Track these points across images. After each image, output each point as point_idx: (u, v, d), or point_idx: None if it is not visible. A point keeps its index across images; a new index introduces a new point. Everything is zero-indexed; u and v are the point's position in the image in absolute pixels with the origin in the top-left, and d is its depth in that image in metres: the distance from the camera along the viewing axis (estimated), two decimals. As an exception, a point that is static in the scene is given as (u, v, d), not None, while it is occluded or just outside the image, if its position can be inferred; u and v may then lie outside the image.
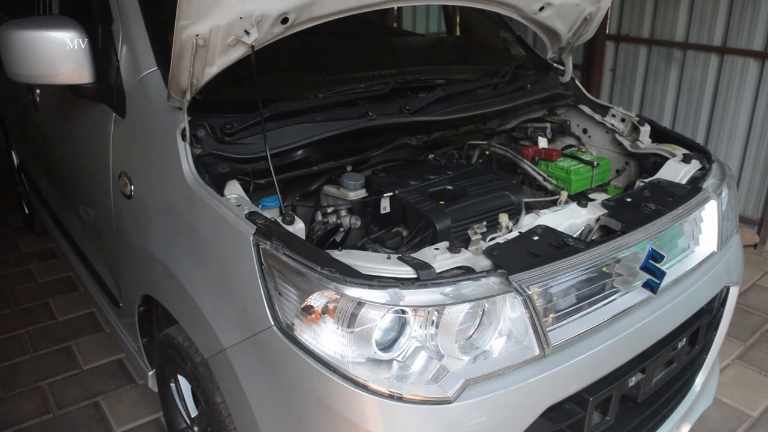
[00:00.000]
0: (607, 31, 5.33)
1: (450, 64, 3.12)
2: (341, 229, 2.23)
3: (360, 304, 1.46)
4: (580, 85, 3.02)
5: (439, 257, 1.63)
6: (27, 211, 4.83)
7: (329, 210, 2.22)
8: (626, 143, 2.77)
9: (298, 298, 1.53)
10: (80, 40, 2.17)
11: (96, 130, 2.42)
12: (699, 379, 2.44)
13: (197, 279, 1.83)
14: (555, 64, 3.03)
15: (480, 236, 1.77)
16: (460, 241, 1.99)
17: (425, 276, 1.54)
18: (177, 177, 1.88)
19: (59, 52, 2.16)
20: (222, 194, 1.83)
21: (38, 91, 3.13)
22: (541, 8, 2.56)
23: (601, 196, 2.44)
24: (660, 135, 2.75)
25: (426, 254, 1.66)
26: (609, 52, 5.39)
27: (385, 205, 2.13)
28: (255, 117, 1.98)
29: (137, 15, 2.19)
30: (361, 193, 2.16)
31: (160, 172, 2.01)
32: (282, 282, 1.56)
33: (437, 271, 1.58)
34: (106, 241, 2.59)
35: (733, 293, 2.38)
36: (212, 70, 1.86)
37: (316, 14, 1.97)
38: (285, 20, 1.89)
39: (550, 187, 2.41)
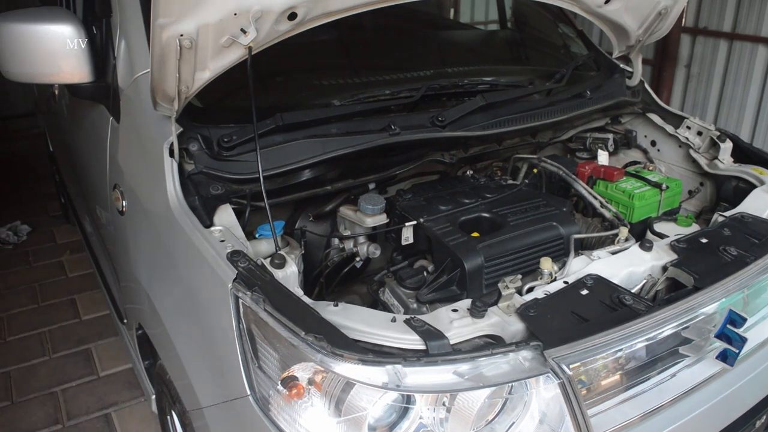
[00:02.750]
0: (682, 23, 4.80)
1: (498, 63, 2.75)
2: (358, 259, 1.93)
3: (350, 384, 1.16)
4: (650, 90, 2.61)
5: (457, 323, 1.31)
6: (63, 200, 4.74)
7: (344, 234, 1.93)
8: (702, 161, 2.36)
9: (279, 367, 1.24)
10: (79, 33, 1.93)
11: (95, 133, 2.20)
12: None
13: (177, 322, 1.57)
14: (622, 65, 2.63)
15: (513, 290, 1.44)
16: (493, 285, 1.67)
17: (435, 349, 1.22)
18: (161, 199, 1.62)
19: (57, 48, 1.92)
20: (211, 222, 1.56)
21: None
22: (607, 1, 2.17)
23: (668, 228, 2.07)
24: (744, 153, 2.33)
25: (440, 317, 1.34)
26: (684, 46, 4.85)
27: (407, 236, 1.81)
28: (258, 128, 1.69)
29: (136, 7, 1.93)
30: (381, 219, 1.86)
31: (149, 190, 1.75)
32: (263, 343, 1.28)
33: (452, 342, 1.26)
34: (111, 255, 2.38)
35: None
36: (205, 75, 1.58)
37: (332, 8, 1.66)
38: (293, 16, 1.59)
39: (608, 215, 2.03)
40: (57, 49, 1.92)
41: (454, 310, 1.36)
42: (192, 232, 1.49)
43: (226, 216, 1.59)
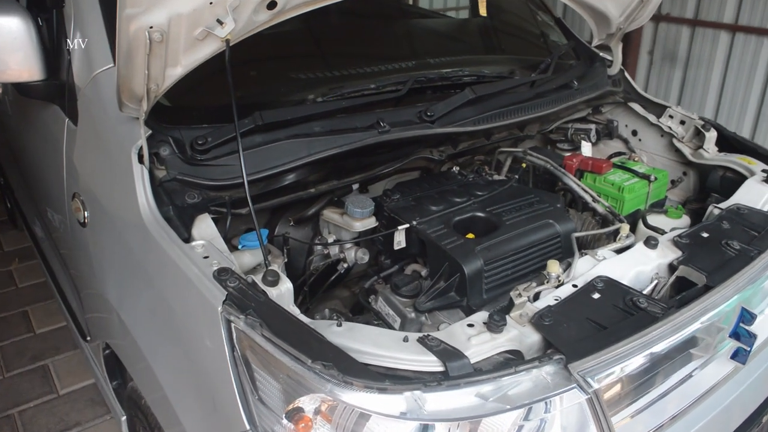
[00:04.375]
0: (645, 10, 4.81)
1: (477, 53, 2.65)
2: (345, 264, 1.81)
3: (364, 415, 1.04)
4: (630, 78, 2.56)
5: (475, 340, 1.20)
6: (9, 205, 4.44)
7: (329, 239, 1.80)
8: (686, 151, 2.32)
9: (283, 398, 1.11)
10: (28, 26, 1.74)
11: (48, 136, 2.00)
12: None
13: (157, 346, 1.42)
14: (602, 54, 2.57)
15: (527, 299, 1.34)
16: (493, 290, 1.58)
17: (456, 370, 1.12)
18: (131, 210, 1.46)
19: (2, 43, 1.73)
20: (189, 234, 1.41)
21: (0, 80, 2.70)
22: (591, -13, 2.10)
23: (659, 221, 2.01)
24: (727, 142, 2.29)
25: (456, 334, 1.23)
26: (647, 32, 4.87)
27: (399, 240, 1.70)
28: (235, 128, 1.55)
29: (93, -5, 1.75)
30: (370, 223, 1.74)
31: (116, 200, 1.58)
32: (261, 371, 1.15)
33: (472, 361, 1.15)
34: (69, 266, 2.19)
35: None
36: (176, 72, 1.42)
37: (315, -4, 1.53)
38: (272, 5, 1.45)
39: (600, 209, 1.96)
40: (2, 44, 1.72)
41: (470, 325, 1.25)
42: (170, 248, 1.34)
43: (205, 227, 1.44)
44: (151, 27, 1.27)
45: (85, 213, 1.74)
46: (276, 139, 1.60)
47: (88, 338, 2.23)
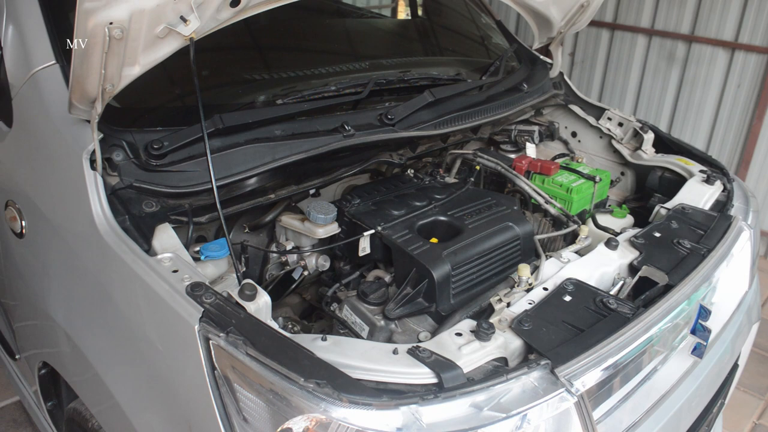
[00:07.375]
0: (567, 13, 4.98)
1: (422, 55, 2.64)
2: (305, 272, 1.75)
3: (361, 432, 1.01)
4: (569, 82, 2.63)
5: (465, 349, 1.18)
6: None
7: (289, 247, 1.74)
8: (625, 152, 2.41)
9: (270, 418, 1.06)
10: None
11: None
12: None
13: (116, 367, 1.32)
14: (542, 57, 2.64)
15: (506, 305, 1.34)
16: (459, 294, 1.57)
17: (450, 381, 1.10)
18: (83, 220, 1.35)
19: None
20: (149, 246, 1.32)
21: None
22: (539, -8, 2.14)
23: (606, 221, 2.08)
24: (663, 143, 2.40)
25: (445, 344, 1.21)
26: (568, 34, 5.05)
27: (364, 246, 1.66)
28: (193, 132, 1.47)
29: (27, -16, 1.61)
30: (333, 229, 1.69)
31: (61, 208, 1.46)
32: (244, 390, 1.08)
33: (465, 370, 1.14)
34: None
35: (753, 330, 2.07)
36: (133, 71, 1.32)
37: (278, -7, 1.47)
38: (236, 2, 1.38)
39: (553, 211, 2.00)
40: None
41: (458, 334, 1.23)
42: (134, 262, 1.24)
43: (167, 238, 1.35)
44: (111, 23, 1.18)
45: (23, 222, 1.59)
46: (236, 143, 1.53)
47: (18, 356, 2.06)
